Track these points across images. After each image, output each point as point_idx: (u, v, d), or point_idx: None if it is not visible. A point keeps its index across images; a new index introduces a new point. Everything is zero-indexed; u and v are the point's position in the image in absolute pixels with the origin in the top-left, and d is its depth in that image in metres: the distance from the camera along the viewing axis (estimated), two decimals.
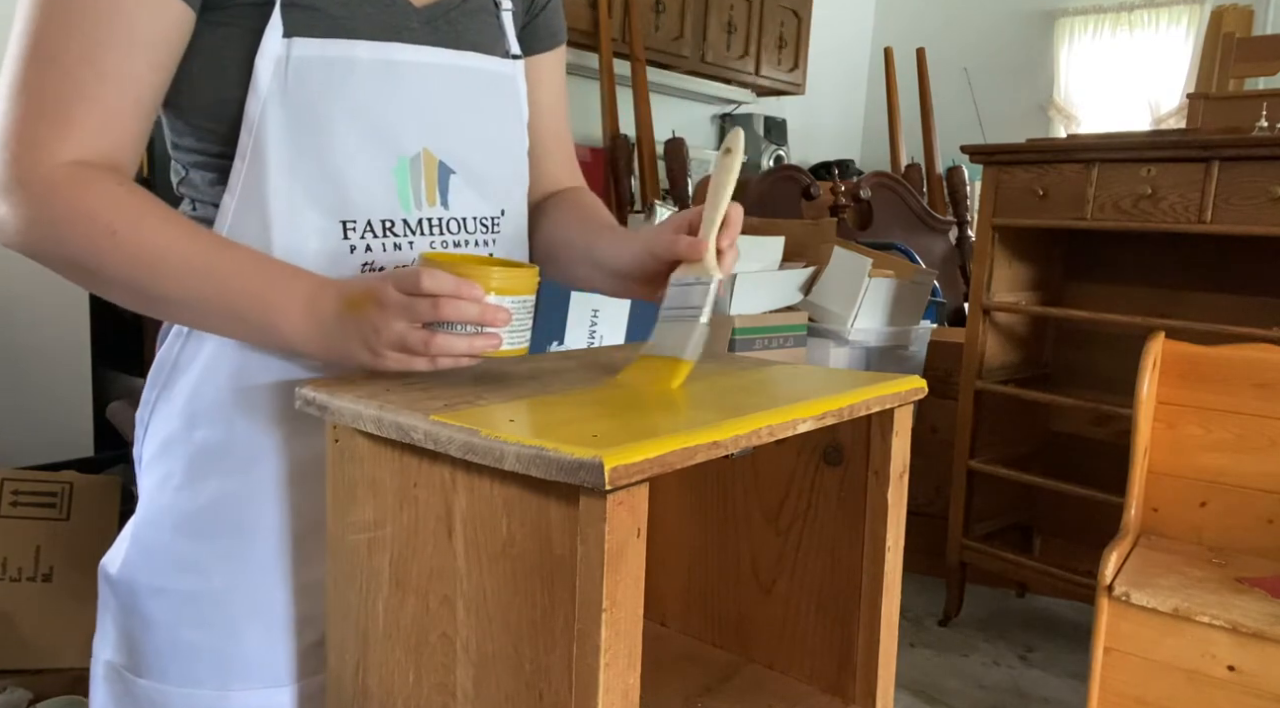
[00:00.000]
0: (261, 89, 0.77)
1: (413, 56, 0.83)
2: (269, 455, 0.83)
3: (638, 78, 3.70)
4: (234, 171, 0.79)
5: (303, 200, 0.79)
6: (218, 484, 0.83)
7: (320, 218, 0.80)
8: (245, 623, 0.83)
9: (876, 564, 0.85)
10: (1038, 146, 2.39)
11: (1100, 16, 5.07)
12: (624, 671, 0.59)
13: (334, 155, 0.79)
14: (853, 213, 3.79)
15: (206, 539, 0.83)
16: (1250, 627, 1.56)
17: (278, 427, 0.82)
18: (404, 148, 0.83)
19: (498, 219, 0.92)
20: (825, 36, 5.12)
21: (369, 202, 0.82)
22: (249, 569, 0.83)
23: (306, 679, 0.85)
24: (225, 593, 0.83)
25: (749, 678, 0.93)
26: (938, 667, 2.38)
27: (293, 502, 0.83)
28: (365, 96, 0.80)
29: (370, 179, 0.81)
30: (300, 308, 0.74)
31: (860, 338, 2.87)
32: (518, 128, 0.94)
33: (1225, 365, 1.90)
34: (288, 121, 0.78)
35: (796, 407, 0.70)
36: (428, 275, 0.70)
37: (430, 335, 0.70)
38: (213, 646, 0.83)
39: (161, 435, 0.85)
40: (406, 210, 0.84)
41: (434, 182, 0.86)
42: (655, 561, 1.00)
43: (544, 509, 0.61)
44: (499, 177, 0.91)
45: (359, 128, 0.80)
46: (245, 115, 0.78)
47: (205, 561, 0.83)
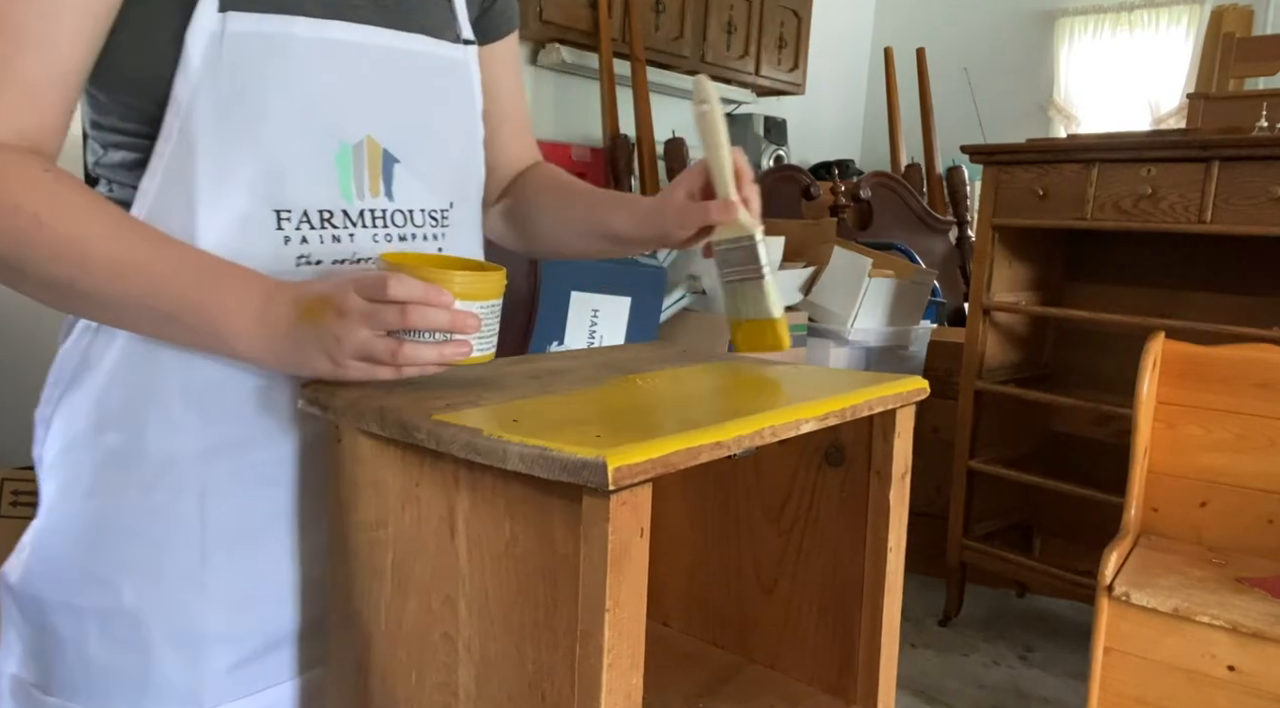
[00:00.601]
0: (192, 67, 0.71)
1: (357, 37, 0.77)
2: (185, 463, 0.76)
3: (638, 78, 3.70)
4: (157, 153, 0.73)
5: (233, 187, 0.73)
6: (128, 492, 0.76)
7: (252, 206, 0.74)
8: (160, 642, 0.77)
9: (878, 565, 0.85)
10: (1038, 146, 2.39)
11: (1100, 16, 5.06)
12: (627, 671, 0.59)
13: (270, 140, 0.74)
14: (853, 213, 3.79)
15: (115, 551, 0.76)
16: (1250, 627, 1.56)
17: (196, 432, 0.76)
18: (346, 134, 0.78)
19: (446, 212, 0.86)
20: (825, 36, 5.12)
21: (306, 190, 0.76)
22: (163, 585, 0.77)
23: (229, 704, 0.79)
24: (137, 610, 0.76)
25: (750, 678, 0.93)
26: (938, 667, 2.38)
27: (212, 513, 0.77)
28: (305, 78, 0.75)
29: (308, 166, 0.76)
30: (250, 314, 0.69)
31: (860, 338, 2.87)
32: (470, 116, 0.89)
33: (1225, 365, 1.90)
34: (220, 102, 0.72)
35: (799, 407, 0.70)
36: (395, 281, 0.66)
37: (397, 345, 0.67)
38: (125, 665, 0.77)
39: (65, 437, 0.78)
40: (347, 201, 0.79)
41: (378, 171, 0.80)
42: (657, 561, 1.00)
43: (547, 509, 0.61)
44: (448, 167, 0.87)
45: (298, 111, 0.75)
46: (173, 94, 0.71)
47: (115, 574, 0.76)
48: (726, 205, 0.80)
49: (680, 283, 2.65)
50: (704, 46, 4.23)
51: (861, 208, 3.83)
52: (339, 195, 0.78)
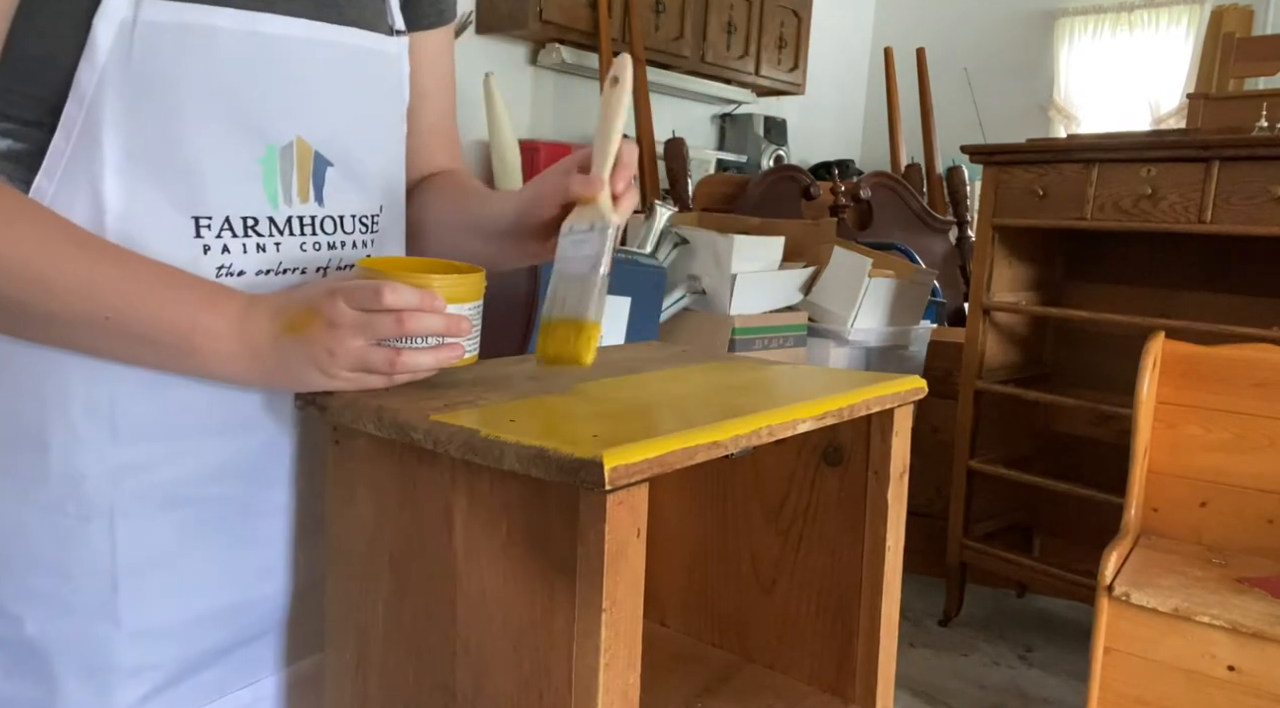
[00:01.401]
0: (99, 55, 0.64)
1: (285, 29, 0.71)
2: (93, 483, 0.70)
3: (638, 78, 3.70)
4: (54, 149, 0.66)
5: (146, 190, 0.67)
6: (30, 516, 0.70)
7: (167, 212, 0.68)
8: (66, 675, 0.71)
9: (876, 564, 0.85)
10: (1038, 146, 2.39)
11: (1100, 16, 5.07)
12: (624, 671, 0.59)
13: (187, 140, 0.68)
14: (853, 213, 3.79)
15: (16, 580, 0.70)
16: (1250, 627, 1.56)
17: (104, 450, 0.70)
18: (273, 135, 0.72)
19: (377, 217, 0.82)
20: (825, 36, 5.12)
21: (228, 196, 0.70)
22: (71, 616, 0.71)
23: None
24: (41, 641, 0.70)
25: (749, 678, 0.93)
26: (938, 667, 2.38)
27: (123, 537, 0.71)
28: (228, 73, 0.68)
29: (231, 170, 0.70)
30: (228, 331, 0.65)
31: (860, 338, 2.87)
32: (398, 113, 0.84)
33: (1225, 365, 1.90)
34: (130, 96, 0.65)
35: (797, 407, 0.70)
36: (390, 290, 0.64)
37: (395, 354, 0.66)
38: (28, 699, 0.71)
39: None
40: (274, 207, 0.73)
41: (307, 175, 0.75)
42: (655, 560, 1.00)
43: (544, 509, 0.61)
44: (379, 169, 0.82)
45: (219, 109, 0.69)
46: (75, 83, 0.65)
47: (15, 604, 0.70)
48: (590, 180, 0.72)
49: (680, 283, 2.65)
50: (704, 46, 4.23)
51: (861, 208, 3.83)
52: (264, 201, 0.73)
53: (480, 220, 0.84)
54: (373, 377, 0.67)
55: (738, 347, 2.58)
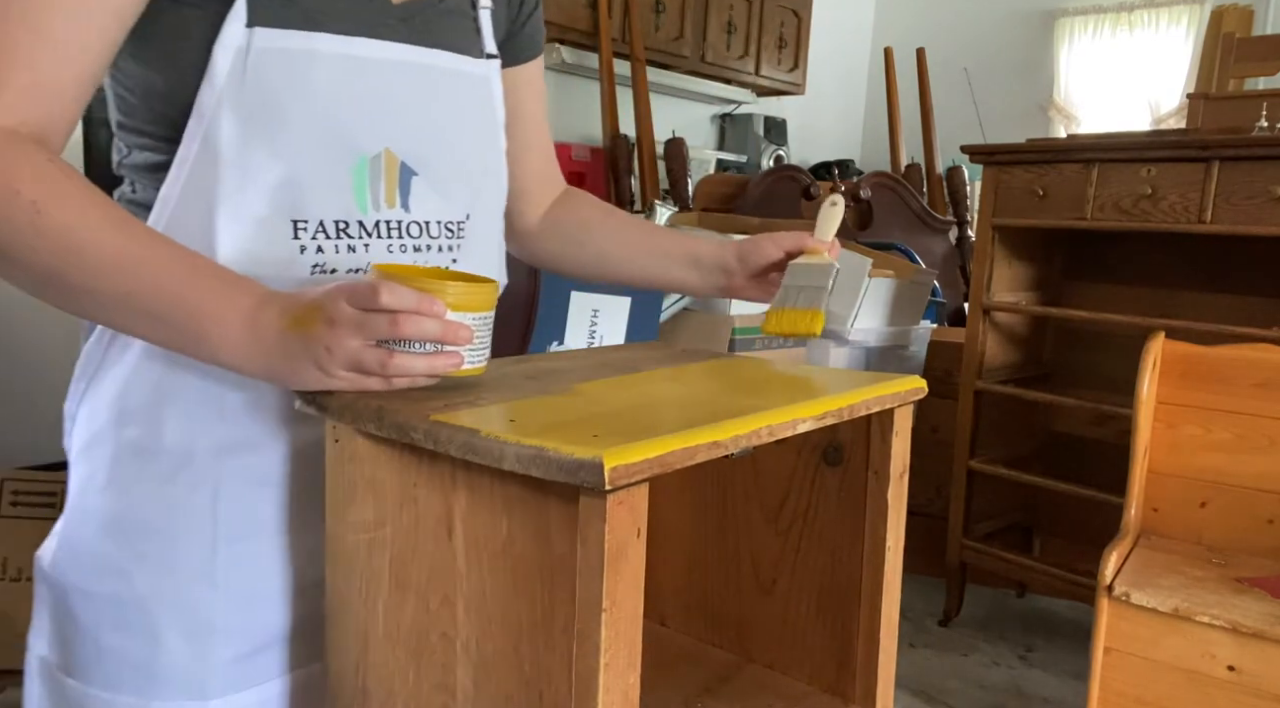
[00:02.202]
0: (218, 79, 0.73)
1: (379, 53, 0.79)
2: (201, 459, 0.79)
3: (638, 78, 3.70)
4: (179, 160, 0.75)
5: (253, 196, 0.75)
6: (145, 485, 0.79)
7: (270, 215, 0.76)
8: (169, 631, 0.79)
9: (876, 564, 0.85)
10: (1038, 146, 2.39)
11: (1100, 16, 5.06)
12: (624, 671, 0.59)
13: (289, 152, 0.76)
14: (853, 213, 3.79)
15: (130, 542, 0.79)
16: (1250, 627, 1.56)
17: (211, 429, 0.79)
18: (364, 147, 0.79)
19: (462, 224, 0.88)
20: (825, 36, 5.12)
21: (323, 201, 0.78)
22: (173, 575, 0.79)
23: (234, 695, 0.81)
24: (148, 599, 0.79)
25: (749, 678, 0.93)
26: (938, 667, 2.38)
27: (224, 509, 0.80)
28: (325, 92, 0.76)
29: (326, 178, 0.78)
30: (239, 321, 0.68)
31: (860, 338, 2.87)
32: (490, 130, 0.91)
33: (1225, 365, 1.90)
34: (243, 114, 0.74)
35: (796, 407, 0.70)
36: (387, 290, 0.65)
37: (388, 355, 0.66)
38: (134, 652, 0.79)
39: (89, 430, 0.81)
40: (363, 211, 0.80)
41: (394, 183, 0.82)
42: (655, 560, 1.00)
43: (544, 509, 0.61)
44: (465, 179, 0.88)
45: (316, 124, 0.76)
46: (198, 103, 0.73)
47: (128, 564, 0.79)
48: (822, 241, 0.94)
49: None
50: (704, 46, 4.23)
51: (861, 208, 3.83)
52: (355, 206, 0.80)
53: (695, 254, 0.98)
54: (370, 378, 0.68)
55: (738, 347, 2.58)
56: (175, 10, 0.73)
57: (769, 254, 0.95)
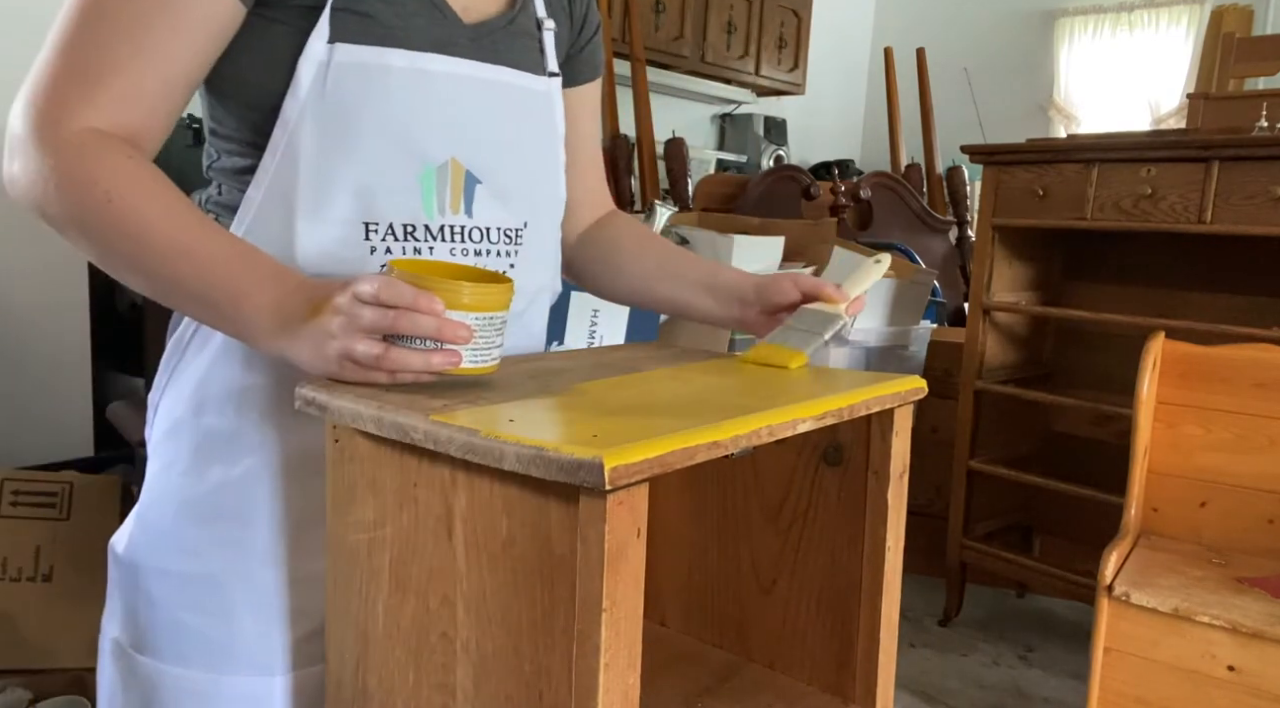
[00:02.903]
0: (301, 90, 0.79)
1: (448, 68, 0.84)
2: (273, 446, 0.84)
3: (638, 78, 3.70)
4: (263, 166, 0.81)
5: (329, 200, 0.81)
6: (221, 471, 0.84)
7: (345, 218, 0.82)
8: (241, 609, 0.85)
9: (876, 564, 0.85)
10: (1038, 146, 2.39)
11: (1100, 16, 5.07)
12: (624, 671, 0.59)
13: (363, 159, 0.81)
14: (853, 213, 3.79)
15: (207, 525, 0.85)
16: (1250, 627, 1.56)
17: (283, 418, 0.83)
18: (431, 156, 0.84)
19: (520, 231, 0.92)
20: (825, 36, 5.12)
21: (393, 206, 0.83)
22: (247, 557, 0.84)
23: (298, 671, 0.86)
24: (223, 579, 0.84)
25: (749, 678, 0.93)
26: (938, 667, 2.38)
27: (293, 493, 0.84)
28: (398, 105, 0.81)
29: (396, 184, 0.83)
30: (270, 305, 0.73)
31: (860, 338, 2.87)
32: (550, 143, 0.95)
33: (1225, 365, 1.90)
34: (322, 123, 0.80)
35: (796, 407, 0.70)
36: (385, 285, 0.69)
37: (384, 350, 0.69)
38: (208, 629, 0.85)
39: (170, 419, 0.87)
40: (429, 216, 0.85)
41: (459, 190, 0.87)
42: (655, 561, 1.00)
43: (544, 509, 0.61)
44: (525, 189, 0.92)
45: (389, 135, 0.81)
46: (282, 113, 0.80)
47: (205, 546, 0.85)
48: (844, 291, 0.92)
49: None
50: (704, 46, 4.23)
51: (861, 208, 3.83)
52: (421, 211, 0.84)
53: (718, 283, 0.99)
54: (373, 372, 0.71)
55: (738, 347, 2.58)
56: (266, 27, 0.79)
57: (787, 294, 0.94)
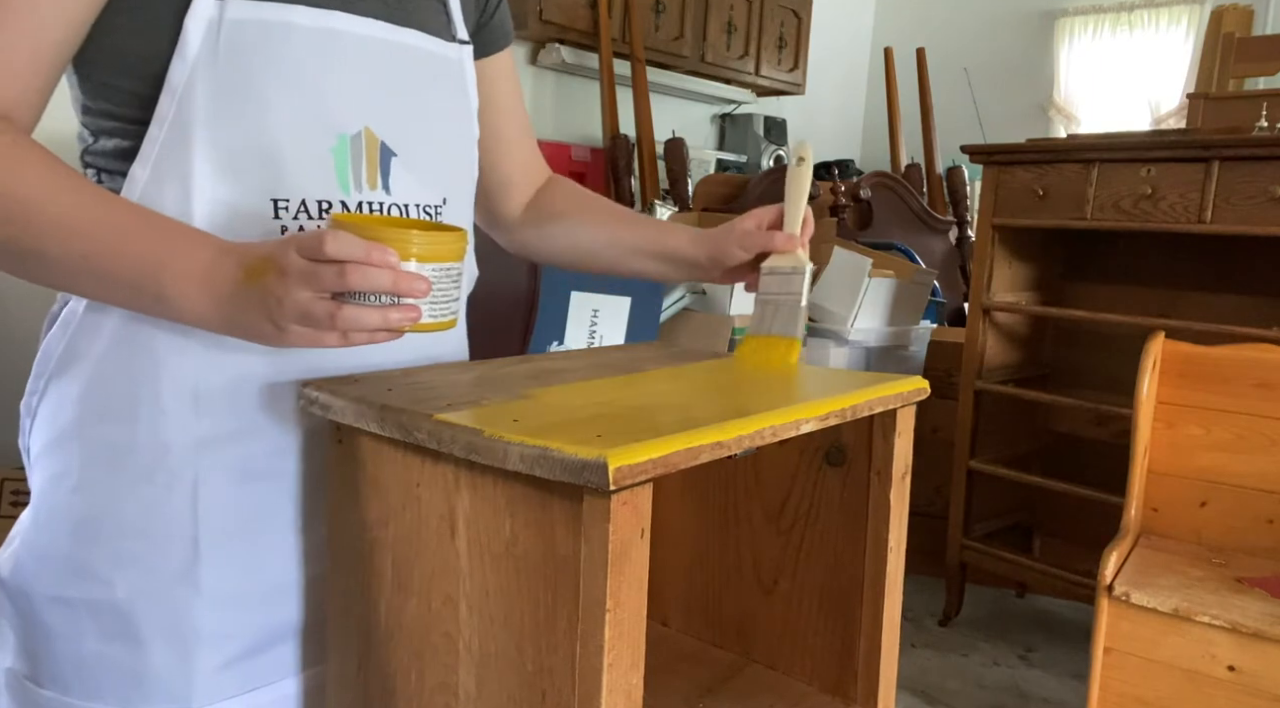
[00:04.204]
0: (189, 52, 0.70)
1: (356, 28, 0.77)
2: (177, 455, 0.75)
3: (638, 78, 3.69)
4: (149, 139, 0.72)
5: (230, 175, 0.73)
6: (119, 486, 0.75)
7: (249, 195, 0.74)
8: (151, 637, 0.76)
9: (878, 565, 0.85)
10: (1038, 146, 2.39)
11: (1100, 16, 5.06)
12: (627, 671, 0.59)
13: (268, 128, 0.73)
14: (853, 213, 3.79)
15: (107, 545, 0.75)
16: (1250, 627, 1.56)
17: (187, 424, 0.75)
18: (344, 125, 0.77)
19: (440, 207, 0.86)
20: (825, 36, 5.12)
21: (304, 180, 0.76)
22: (155, 579, 0.76)
23: (220, 703, 0.78)
24: (130, 604, 0.75)
25: (750, 678, 0.93)
26: (938, 667, 2.38)
27: (205, 507, 0.76)
28: (304, 67, 0.74)
29: (307, 156, 0.75)
30: (197, 276, 0.66)
31: (860, 338, 2.87)
32: (464, 115, 0.89)
33: (1225, 365, 1.90)
34: (217, 89, 0.71)
35: (799, 407, 0.70)
36: (332, 239, 0.63)
37: (336, 307, 0.63)
38: (117, 660, 0.76)
39: (53, 429, 0.77)
40: (345, 192, 0.78)
41: (375, 163, 0.80)
42: (657, 561, 1.00)
43: (547, 509, 0.61)
44: (442, 163, 0.86)
45: (296, 100, 0.74)
46: (168, 79, 0.71)
47: (106, 568, 0.75)
48: (790, 237, 0.88)
49: (680, 283, 2.65)
50: (704, 46, 4.23)
51: (861, 208, 3.83)
52: (336, 186, 0.77)
53: (668, 248, 0.95)
54: (324, 334, 0.65)
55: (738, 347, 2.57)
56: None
57: (737, 257, 0.91)
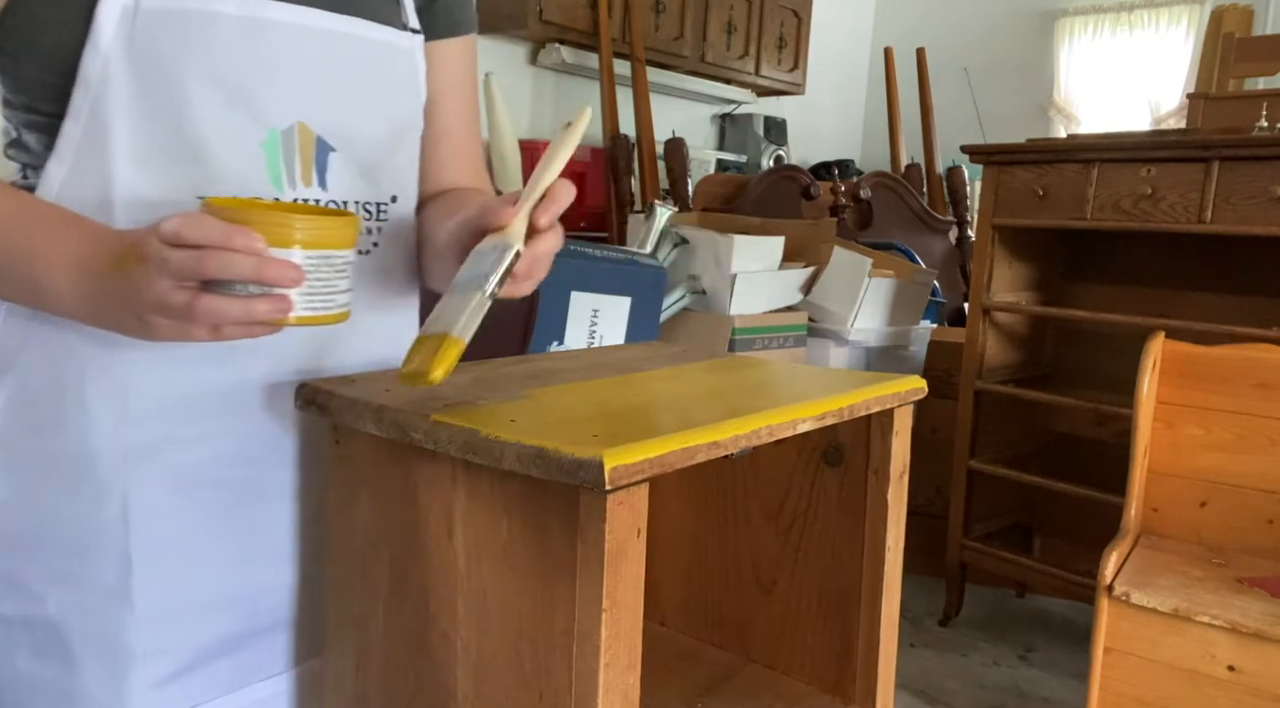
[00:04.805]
0: (102, 42, 0.66)
1: (288, 16, 0.72)
2: (106, 466, 0.72)
3: (638, 78, 3.69)
4: (64, 135, 0.68)
5: (153, 173, 0.69)
6: (48, 499, 0.72)
7: (176, 192, 0.69)
8: (83, 655, 0.72)
9: (876, 564, 0.85)
10: (1038, 146, 2.39)
11: (1100, 16, 5.06)
12: (624, 671, 0.59)
13: (193, 123, 0.69)
14: (853, 213, 3.79)
15: (39, 559, 0.72)
16: (1250, 627, 1.56)
17: (115, 434, 0.71)
18: (274, 119, 0.73)
19: (386, 206, 0.81)
20: (825, 36, 5.12)
21: (234, 178, 0.72)
22: (86, 595, 0.72)
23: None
24: (61, 620, 0.72)
25: (749, 678, 0.93)
26: (938, 667, 2.38)
27: (139, 518, 0.72)
28: (228, 59, 0.70)
29: (235, 152, 0.71)
30: (65, 265, 0.62)
31: (860, 338, 2.88)
32: (413, 108, 0.84)
33: (1225, 365, 1.90)
34: (136, 82, 0.67)
35: (796, 407, 0.70)
36: (190, 223, 0.58)
37: (195, 296, 0.58)
38: (49, 679, 0.72)
39: None
40: (278, 189, 0.74)
41: (310, 159, 0.75)
42: (655, 561, 1.00)
43: (544, 509, 0.61)
44: (389, 158, 0.81)
45: (221, 94, 0.70)
46: (81, 72, 0.67)
47: (39, 583, 0.72)
48: (499, 210, 0.68)
49: (680, 283, 2.65)
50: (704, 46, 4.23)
51: (861, 208, 3.83)
52: (269, 183, 0.74)
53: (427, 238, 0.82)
54: (190, 326, 0.60)
55: (737, 347, 2.58)
56: None
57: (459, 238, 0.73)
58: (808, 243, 2.95)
